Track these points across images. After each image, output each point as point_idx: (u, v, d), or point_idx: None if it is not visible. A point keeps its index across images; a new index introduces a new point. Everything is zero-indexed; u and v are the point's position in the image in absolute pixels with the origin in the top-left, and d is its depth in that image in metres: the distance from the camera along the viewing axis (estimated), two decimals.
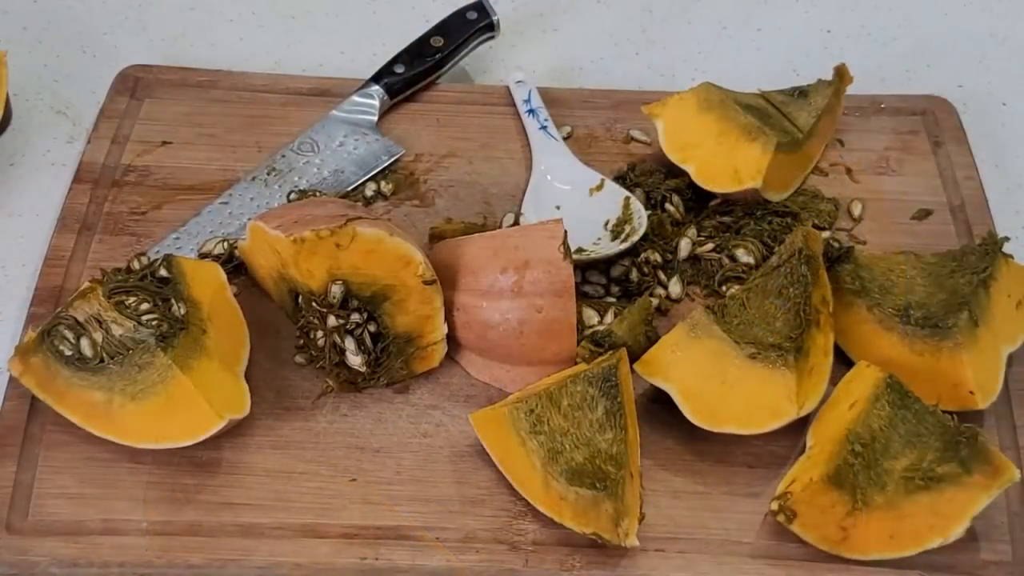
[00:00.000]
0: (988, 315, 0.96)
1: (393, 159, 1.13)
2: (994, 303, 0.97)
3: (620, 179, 1.10)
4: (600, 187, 1.09)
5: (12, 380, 0.95)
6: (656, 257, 1.04)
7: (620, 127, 1.17)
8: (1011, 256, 0.99)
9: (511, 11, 1.30)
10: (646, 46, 1.28)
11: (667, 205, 1.08)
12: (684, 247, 1.05)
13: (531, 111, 1.15)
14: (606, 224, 1.07)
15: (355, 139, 1.14)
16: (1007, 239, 1.00)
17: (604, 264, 1.04)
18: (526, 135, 1.14)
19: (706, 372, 0.93)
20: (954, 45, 1.28)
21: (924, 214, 1.10)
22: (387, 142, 1.14)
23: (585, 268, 1.04)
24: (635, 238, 1.04)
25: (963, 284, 0.97)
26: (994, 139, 1.19)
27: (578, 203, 1.09)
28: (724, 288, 1.04)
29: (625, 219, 1.06)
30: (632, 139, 1.15)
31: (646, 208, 1.06)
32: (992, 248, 0.99)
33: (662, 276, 1.04)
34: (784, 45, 1.28)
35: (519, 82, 1.17)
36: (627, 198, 1.07)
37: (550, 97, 1.18)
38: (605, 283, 1.03)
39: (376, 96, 1.16)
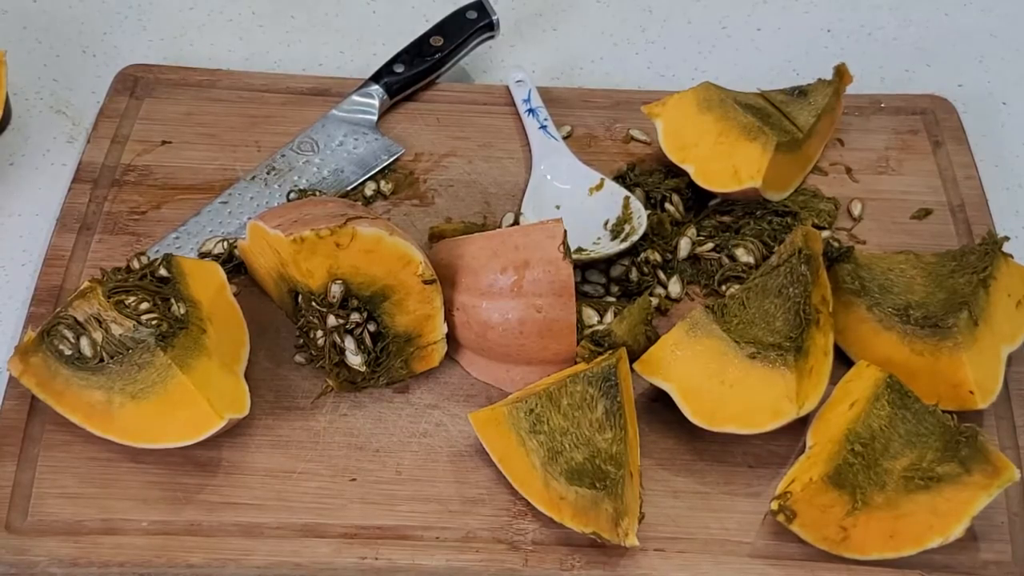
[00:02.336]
0: (988, 315, 0.96)
1: (393, 159, 1.13)
2: (994, 303, 0.97)
3: (620, 179, 1.10)
4: (600, 187, 1.09)
5: (12, 380, 0.95)
6: (656, 257, 1.04)
7: (620, 127, 1.16)
8: (1011, 255, 0.99)
9: (510, 10, 1.30)
10: (646, 46, 1.28)
11: (667, 205, 1.08)
12: (684, 247, 1.05)
13: (531, 111, 1.15)
14: (606, 224, 1.07)
15: (355, 138, 1.14)
16: (1007, 238, 1.00)
17: (604, 264, 1.04)
18: (526, 134, 1.14)
19: (706, 372, 0.93)
20: (954, 45, 1.28)
21: (924, 213, 1.10)
22: (387, 141, 1.14)
23: (585, 268, 1.04)
24: (635, 238, 1.04)
25: (963, 284, 0.97)
26: (994, 139, 1.19)
27: (578, 203, 1.09)
28: (724, 288, 1.04)
29: (625, 219, 1.06)
30: (632, 139, 1.15)
31: (646, 207, 1.06)
32: (992, 248, 0.99)
33: (662, 276, 1.04)
34: (784, 45, 1.28)
35: (519, 81, 1.17)
36: (627, 198, 1.07)
37: (550, 97, 1.17)
38: (605, 283, 1.03)
39: (375, 96, 1.16)
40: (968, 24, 1.30)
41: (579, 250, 1.03)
